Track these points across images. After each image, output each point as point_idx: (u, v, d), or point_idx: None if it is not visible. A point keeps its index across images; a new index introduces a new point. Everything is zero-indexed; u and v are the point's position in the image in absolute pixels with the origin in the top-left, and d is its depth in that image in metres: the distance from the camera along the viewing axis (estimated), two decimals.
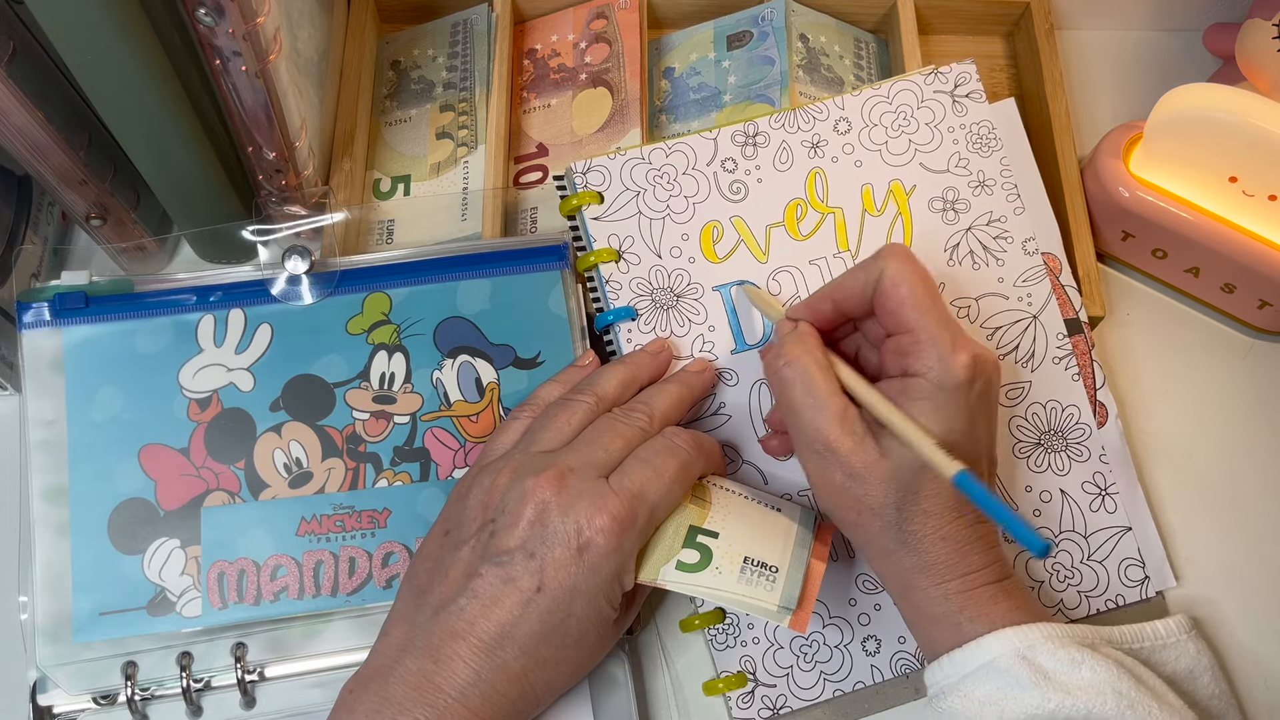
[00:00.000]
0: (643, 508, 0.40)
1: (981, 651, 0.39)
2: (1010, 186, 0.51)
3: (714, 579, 0.41)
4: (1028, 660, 0.38)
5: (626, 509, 0.39)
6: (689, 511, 0.42)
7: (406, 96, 0.59)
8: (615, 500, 0.39)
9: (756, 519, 0.43)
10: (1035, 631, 0.39)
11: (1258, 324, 0.57)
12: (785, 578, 0.41)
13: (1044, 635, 0.39)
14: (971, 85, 0.52)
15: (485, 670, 0.38)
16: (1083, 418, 0.50)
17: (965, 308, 0.50)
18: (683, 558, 0.41)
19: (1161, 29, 0.66)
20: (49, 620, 0.45)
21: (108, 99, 0.44)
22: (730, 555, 0.41)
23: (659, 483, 0.40)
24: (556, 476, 0.40)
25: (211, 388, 0.47)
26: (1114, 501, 0.49)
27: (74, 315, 0.47)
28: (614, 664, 0.45)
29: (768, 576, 0.41)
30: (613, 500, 0.39)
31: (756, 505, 0.44)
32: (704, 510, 0.42)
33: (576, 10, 0.60)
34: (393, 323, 0.49)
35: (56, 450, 0.46)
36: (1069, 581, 0.48)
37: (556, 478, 0.40)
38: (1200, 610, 0.51)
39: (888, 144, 0.51)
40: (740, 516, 0.43)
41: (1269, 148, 0.49)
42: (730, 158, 0.50)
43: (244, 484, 0.46)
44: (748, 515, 0.43)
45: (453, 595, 0.39)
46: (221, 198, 0.52)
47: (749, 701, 0.46)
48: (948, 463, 0.37)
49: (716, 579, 0.41)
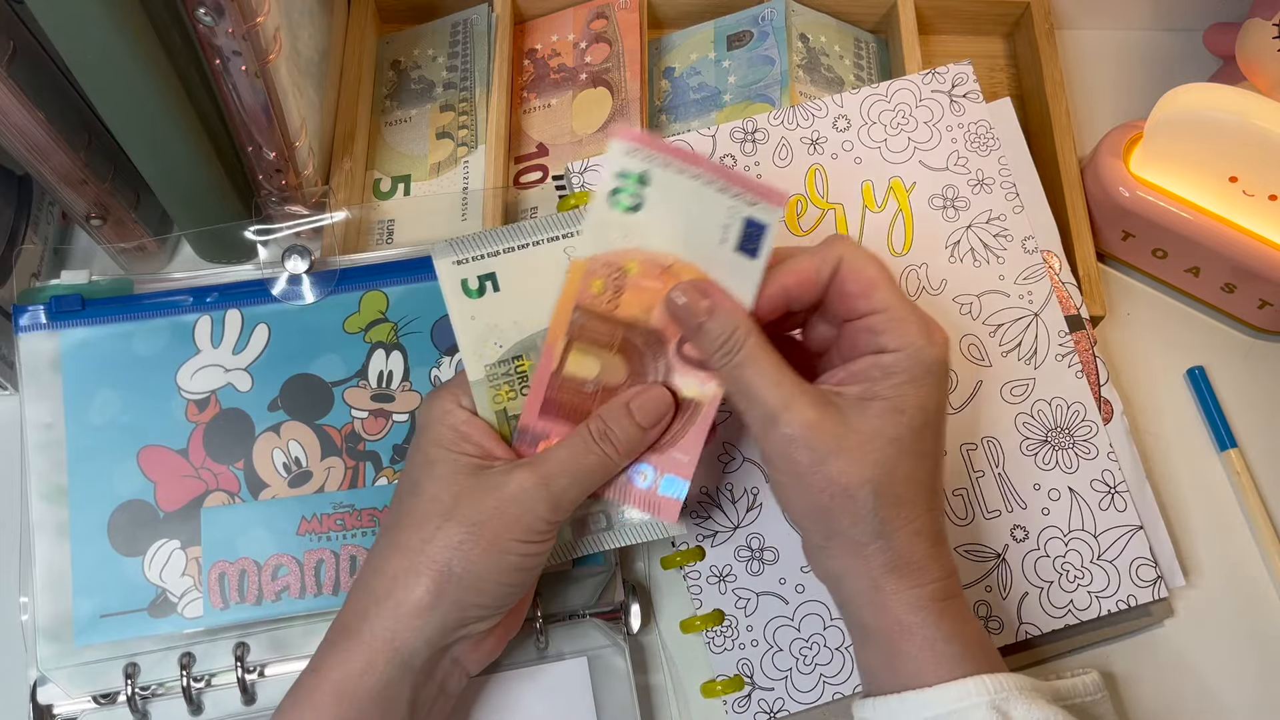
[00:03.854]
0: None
1: (951, 695, 0.36)
2: (1009, 185, 0.51)
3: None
4: (1001, 713, 0.36)
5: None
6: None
7: (406, 96, 0.59)
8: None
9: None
10: (1009, 681, 0.37)
11: (1258, 324, 0.57)
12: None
13: (1017, 686, 0.37)
14: (969, 85, 0.52)
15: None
16: (1088, 414, 0.50)
17: (967, 304, 0.50)
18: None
19: (1161, 29, 0.66)
20: (50, 621, 0.45)
21: (108, 99, 0.44)
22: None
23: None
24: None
25: (209, 388, 0.47)
26: (1124, 499, 0.49)
27: (71, 318, 0.47)
28: (614, 655, 0.46)
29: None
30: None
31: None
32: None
33: (576, 10, 0.60)
34: (390, 321, 0.49)
35: (55, 453, 0.46)
36: (1079, 582, 0.48)
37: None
38: (1201, 610, 0.51)
39: (887, 141, 0.51)
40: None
41: (1269, 148, 0.49)
42: (729, 154, 0.50)
43: (243, 484, 0.46)
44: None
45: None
46: (221, 198, 0.52)
47: (745, 705, 0.46)
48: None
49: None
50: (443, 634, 0.38)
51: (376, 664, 0.38)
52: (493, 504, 0.38)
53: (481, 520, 0.38)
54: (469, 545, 0.38)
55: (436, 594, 0.38)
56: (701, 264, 0.40)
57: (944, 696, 0.36)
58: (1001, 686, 0.36)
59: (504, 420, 0.42)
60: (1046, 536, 0.48)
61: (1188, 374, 0.57)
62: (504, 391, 0.42)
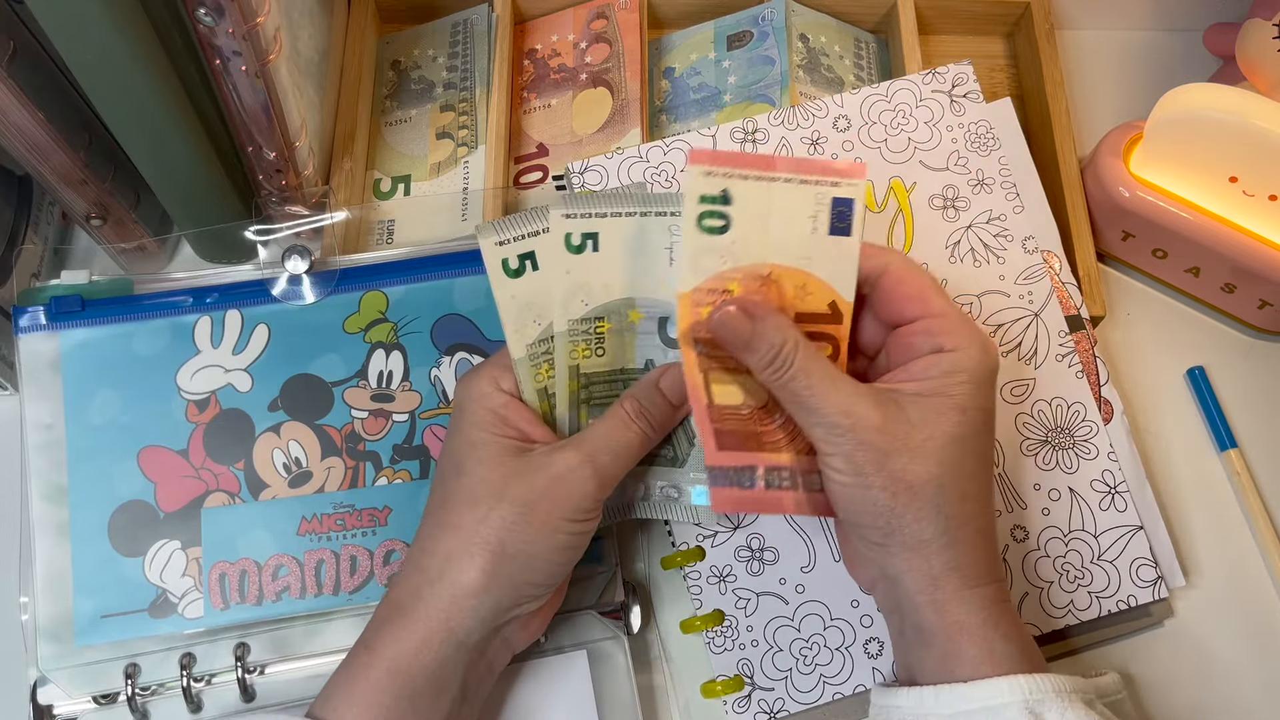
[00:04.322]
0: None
1: (984, 693, 0.36)
2: (1009, 185, 0.51)
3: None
4: (1035, 715, 0.36)
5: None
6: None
7: (406, 96, 0.59)
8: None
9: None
10: (1046, 683, 0.36)
11: (1258, 324, 0.57)
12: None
13: (1054, 688, 0.36)
14: (969, 85, 0.52)
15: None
16: (1089, 414, 0.50)
17: (967, 304, 0.50)
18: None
19: (1161, 29, 0.66)
20: (50, 622, 0.45)
21: (108, 99, 0.44)
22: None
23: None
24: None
25: (209, 389, 0.47)
26: (1124, 500, 0.49)
27: (70, 319, 0.47)
28: (614, 648, 0.46)
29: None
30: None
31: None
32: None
33: (576, 10, 0.60)
34: (390, 321, 0.49)
35: (55, 453, 0.46)
36: (1079, 582, 0.48)
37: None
38: (1201, 610, 0.51)
39: (887, 141, 0.51)
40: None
41: (1269, 148, 0.49)
42: None
43: (244, 484, 0.46)
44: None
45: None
46: (221, 198, 0.52)
47: (745, 705, 0.46)
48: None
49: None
50: (497, 613, 0.39)
51: (432, 642, 0.38)
52: (543, 483, 0.39)
53: (533, 500, 0.39)
54: (522, 525, 0.38)
55: (491, 574, 0.38)
56: (798, 262, 0.40)
57: (978, 693, 0.36)
58: (1037, 687, 0.36)
59: (544, 399, 0.42)
60: (1047, 537, 0.48)
61: (1188, 374, 0.57)
62: (544, 370, 0.42)
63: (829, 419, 0.38)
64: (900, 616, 0.39)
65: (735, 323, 0.39)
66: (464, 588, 0.38)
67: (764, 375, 0.39)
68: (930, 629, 0.38)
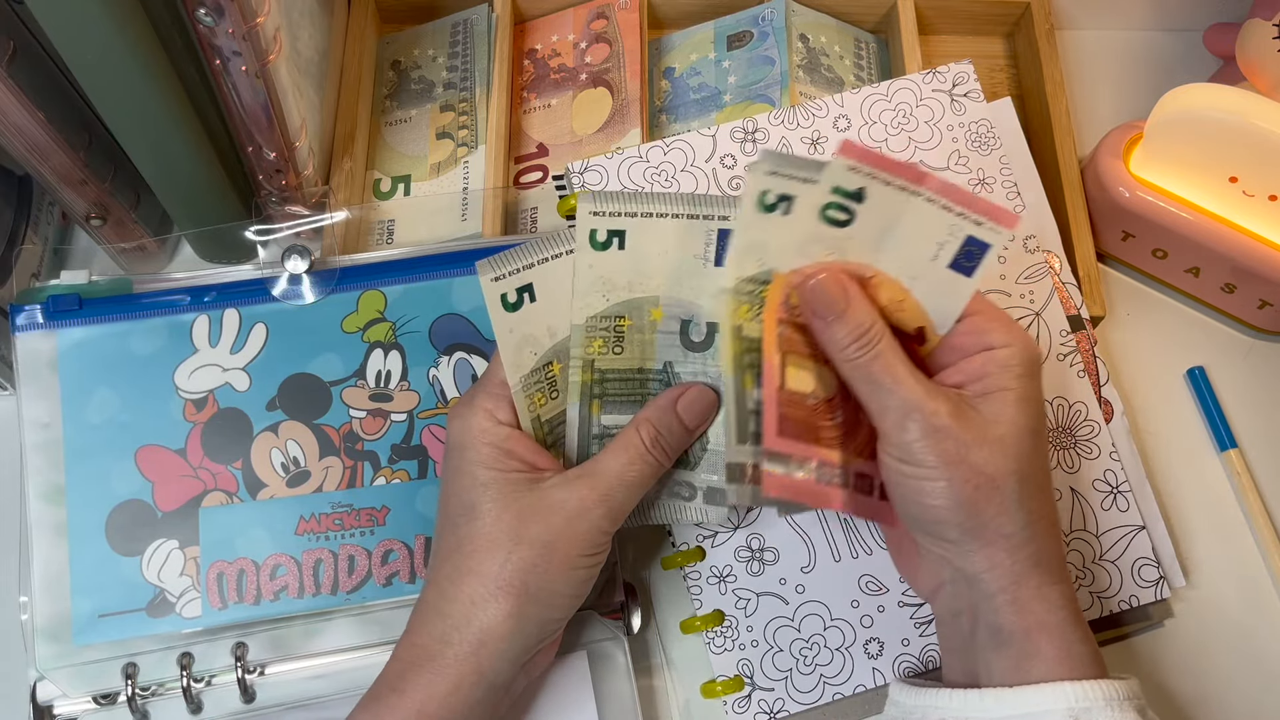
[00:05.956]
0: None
1: (1030, 700, 0.36)
2: (1010, 185, 0.51)
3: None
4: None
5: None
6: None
7: (406, 96, 0.59)
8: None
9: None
10: (1097, 690, 0.35)
11: (1258, 324, 0.57)
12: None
13: (1104, 697, 0.35)
14: (969, 85, 0.52)
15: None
16: (1090, 414, 0.49)
17: None
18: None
19: (1161, 29, 0.66)
20: (49, 621, 0.45)
21: (108, 99, 0.44)
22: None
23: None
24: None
25: (207, 388, 0.47)
26: (1126, 500, 0.49)
27: (68, 318, 0.47)
28: (614, 647, 0.46)
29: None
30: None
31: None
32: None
33: (576, 10, 0.60)
34: (388, 320, 0.49)
35: (53, 453, 0.46)
36: (1080, 582, 0.48)
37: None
38: (1201, 610, 0.51)
39: (887, 141, 0.51)
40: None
41: (1269, 148, 0.49)
42: (729, 154, 0.50)
43: (241, 484, 0.46)
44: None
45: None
46: (221, 198, 0.52)
47: (745, 706, 0.46)
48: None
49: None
50: (524, 652, 0.40)
51: (463, 686, 0.38)
52: (560, 523, 0.39)
53: (551, 540, 0.39)
54: (543, 565, 0.39)
55: (518, 615, 0.39)
56: (906, 278, 0.40)
57: (1023, 700, 0.36)
58: (1087, 696, 0.35)
59: (538, 426, 0.42)
60: None
61: (1188, 374, 0.56)
62: (537, 398, 0.42)
63: (908, 403, 0.37)
64: (973, 618, 0.38)
65: (832, 289, 0.39)
66: (492, 632, 0.38)
67: (845, 352, 0.39)
68: (1008, 629, 0.37)
